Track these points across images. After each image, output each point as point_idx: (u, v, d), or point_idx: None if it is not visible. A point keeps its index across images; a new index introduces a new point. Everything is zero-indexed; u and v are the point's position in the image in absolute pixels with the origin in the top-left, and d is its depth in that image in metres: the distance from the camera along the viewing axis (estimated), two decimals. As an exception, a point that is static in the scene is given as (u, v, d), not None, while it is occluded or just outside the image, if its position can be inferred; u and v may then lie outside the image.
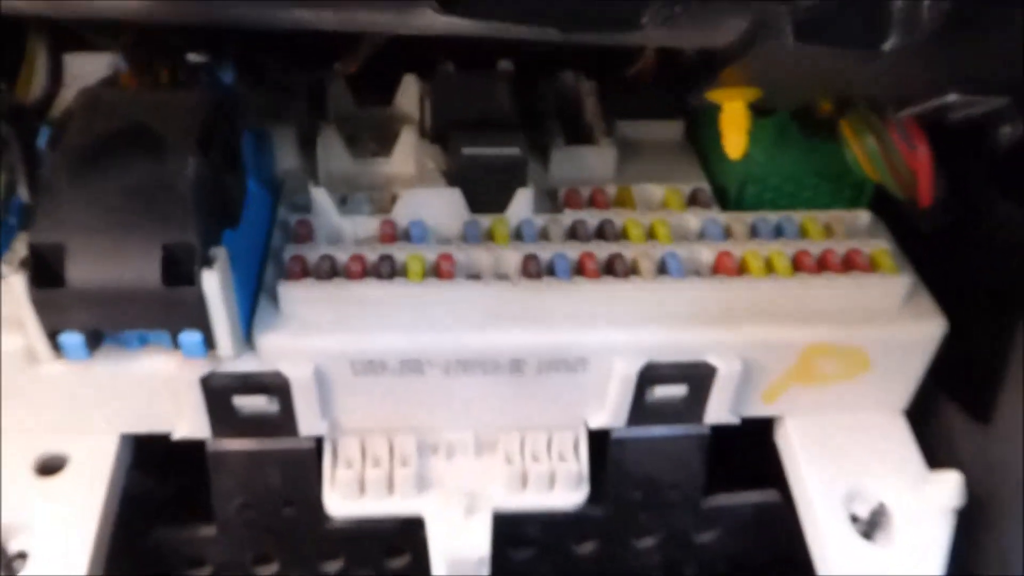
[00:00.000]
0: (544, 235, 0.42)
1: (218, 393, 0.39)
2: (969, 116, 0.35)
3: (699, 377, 0.41)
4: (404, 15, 0.28)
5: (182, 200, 0.34)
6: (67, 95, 0.46)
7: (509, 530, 0.47)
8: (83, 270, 0.34)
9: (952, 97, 0.33)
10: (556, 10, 0.25)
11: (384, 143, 0.47)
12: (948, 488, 0.40)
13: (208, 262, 0.34)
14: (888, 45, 0.25)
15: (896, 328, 0.41)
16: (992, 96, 0.33)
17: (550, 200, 0.45)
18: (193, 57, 0.42)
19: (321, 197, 0.41)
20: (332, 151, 0.44)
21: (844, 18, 0.25)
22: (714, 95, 0.34)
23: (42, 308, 0.34)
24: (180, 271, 0.34)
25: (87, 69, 0.45)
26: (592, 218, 0.43)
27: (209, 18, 0.31)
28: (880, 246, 0.42)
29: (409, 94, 0.48)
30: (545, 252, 0.41)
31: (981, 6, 0.27)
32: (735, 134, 0.34)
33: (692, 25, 0.28)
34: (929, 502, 0.41)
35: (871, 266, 0.41)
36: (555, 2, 0.25)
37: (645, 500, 0.47)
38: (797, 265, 0.41)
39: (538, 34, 0.26)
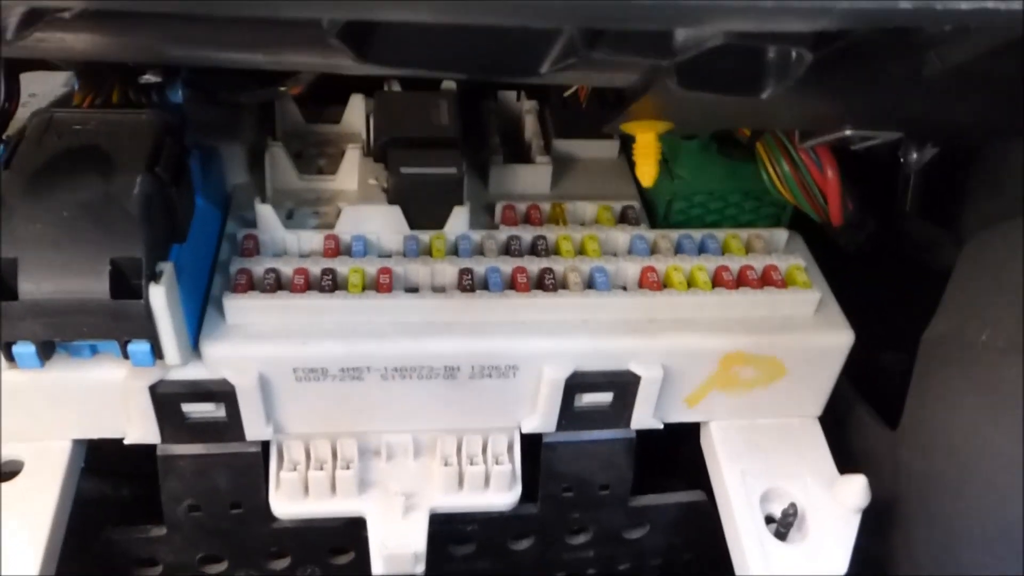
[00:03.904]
0: (480, 250, 0.44)
1: (167, 400, 0.41)
2: (870, 147, 0.38)
3: (623, 384, 0.43)
4: (328, 58, 0.30)
5: (130, 217, 0.36)
6: (24, 113, 0.47)
7: (449, 528, 0.49)
8: (35, 283, 0.35)
9: (848, 131, 0.35)
10: (462, 60, 0.27)
11: (331, 159, 0.49)
12: (855, 490, 0.43)
13: (155, 276, 0.36)
14: (765, 92, 0.28)
15: (807, 338, 0.44)
16: (885, 131, 0.35)
17: (488, 215, 0.47)
18: (144, 77, 0.43)
19: (266, 213, 0.43)
20: (279, 167, 0.46)
21: (722, 68, 0.27)
22: (628, 127, 0.36)
23: (-4, 320, 0.36)
24: (129, 284, 0.36)
25: (44, 87, 0.47)
26: (526, 234, 0.45)
27: (149, 59, 0.33)
28: (795, 262, 0.44)
29: (356, 112, 0.50)
30: (480, 266, 0.43)
31: (863, 52, 0.30)
32: (646, 164, 0.37)
33: (591, 70, 0.30)
34: (838, 503, 0.44)
35: (786, 281, 0.44)
36: (461, 53, 0.27)
37: (577, 499, 0.49)
38: (717, 280, 0.44)
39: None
